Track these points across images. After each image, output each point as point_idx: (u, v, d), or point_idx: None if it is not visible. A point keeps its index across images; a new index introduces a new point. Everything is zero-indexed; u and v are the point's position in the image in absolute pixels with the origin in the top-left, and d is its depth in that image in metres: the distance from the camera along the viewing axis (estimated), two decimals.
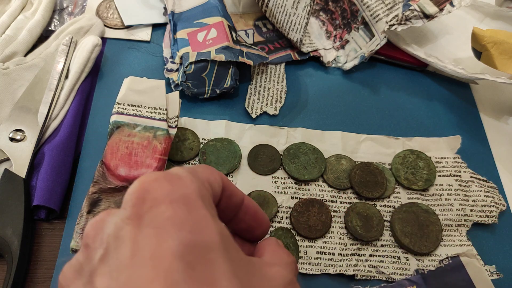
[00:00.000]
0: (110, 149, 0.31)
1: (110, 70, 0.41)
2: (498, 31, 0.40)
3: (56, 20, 0.44)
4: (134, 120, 0.32)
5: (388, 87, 0.44)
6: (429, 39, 0.47)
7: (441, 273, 0.26)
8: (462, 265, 0.26)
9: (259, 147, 0.37)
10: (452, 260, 0.26)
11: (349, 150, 0.38)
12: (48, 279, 0.30)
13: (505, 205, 0.36)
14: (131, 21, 0.44)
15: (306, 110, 0.41)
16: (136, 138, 0.31)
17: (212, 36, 0.39)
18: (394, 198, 0.36)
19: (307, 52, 0.44)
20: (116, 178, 0.30)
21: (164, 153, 0.31)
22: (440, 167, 0.37)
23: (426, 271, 0.26)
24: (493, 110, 0.43)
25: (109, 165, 0.30)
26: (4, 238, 0.29)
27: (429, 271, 0.26)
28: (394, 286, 0.26)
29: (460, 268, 0.26)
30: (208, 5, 0.41)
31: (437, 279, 0.26)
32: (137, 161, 0.30)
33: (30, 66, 0.38)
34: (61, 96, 0.37)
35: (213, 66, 0.38)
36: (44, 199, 0.32)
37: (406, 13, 0.41)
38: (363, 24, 0.43)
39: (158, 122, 0.33)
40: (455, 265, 0.26)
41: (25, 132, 0.34)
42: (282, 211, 0.34)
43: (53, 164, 0.33)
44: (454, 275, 0.26)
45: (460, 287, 0.26)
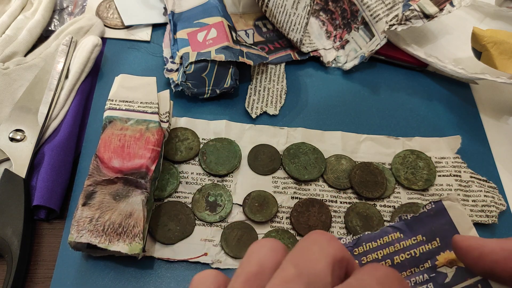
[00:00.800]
0: (103, 142, 0.31)
1: (110, 70, 0.41)
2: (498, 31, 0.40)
3: (56, 20, 0.44)
4: (126, 114, 0.33)
5: (388, 87, 0.44)
6: (429, 39, 0.47)
7: (425, 219, 0.26)
8: (445, 209, 0.26)
9: (259, 147, 0.37)
10: (435, 205, 0.26)
11: (349, 150, 0.38)
12: (48, 279, 0.30)
13: (505, 205, 0.36)
14: (131, 21, 0.44)
15: (306, 110, 0.41)
16: (129, 131, 0.32)
17: (212, 36, 0.39)
18: (394, 198, 0.36)
19: (307, 52, 0.44)
20: (110, 170, 0.30)
21: (157, 144, 0.32)
22: (440, 167, 0.37)
23: (409, 217, 0.26)
24: (493, 110, 0.43)
25: (102, 158, 0.31)
26: (4, 238, 0.29)
27: (412, 217, 0.26)
28: (378, 234, 0.26)
29: (443, 212, 0.26)
30: (208, 5, 0.41)
31: (421, 225, 0.26)
32: (129, 153, 0.31)
33: (30, 66, 0.38)
34: (61, 96, 0.37)
35: (213, 66, 0.38)
36: (44, 199, 0.32)
37: (406, 13, 0.41)
38: (363, 24, 0.43)
39: (150, 115, 0.33)
40: (438, 209, 0.26)
41: (25, 132, 0.34)
42: (282, 211, 0.34)
43: (53, 164, 0.33)
44: (437, 220, 0.26)
45: (443, 231, 0.26)
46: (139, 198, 0.30)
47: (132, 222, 0.29)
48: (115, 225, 0.29)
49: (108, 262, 0.31)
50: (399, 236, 0.26)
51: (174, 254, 0.31)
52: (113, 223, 0.29)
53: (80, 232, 0.28)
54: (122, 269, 0.31)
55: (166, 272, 0.31)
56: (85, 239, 0.28)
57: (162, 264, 0.31)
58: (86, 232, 0.28)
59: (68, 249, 0.31)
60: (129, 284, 0.30)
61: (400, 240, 0.26)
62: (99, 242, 0.28)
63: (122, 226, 0.29)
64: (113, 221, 0.29)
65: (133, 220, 0.29)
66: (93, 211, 0.29)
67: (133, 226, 0.29)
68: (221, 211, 0.33)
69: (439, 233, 0.26)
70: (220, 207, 0.34)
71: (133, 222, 0.29)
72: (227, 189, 0.35)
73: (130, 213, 0.29)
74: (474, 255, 0.22)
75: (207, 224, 0.33)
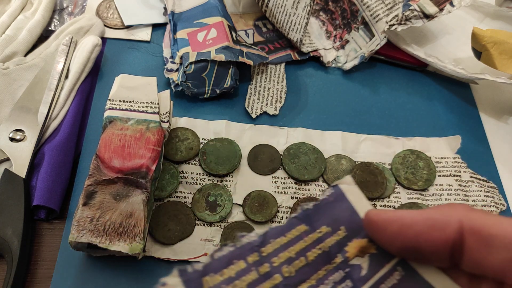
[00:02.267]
0: (104, 142, 0.31)
1: (110, 70, 0.41)
2: (498, 31, 0.40)
3: (56, 20, 0.44)
4: (127, 114, 0.33)
5: (388, 87, 0.44)
6: (429, 39, 0.47)
7: (326, 206, 0.24)
8: (343, 193, 0.24)
9: (259, 147, 0.37)
10: (333, 189, 0.24)
11: (349, 150, 0.38)
12: (48, 279, 0.30)
13: (505, 205, 0.36)
14: (131, 21, 0.44)
15: (306, 110, 0.41)
16: (129, 131, 0.32)
17: (212, 36, 0.39)
18: (394, 198, 0.36)
19: (307, 52, 0.44)
20: (111, 170, 0.30)
21: (157, 144, 0.32)
22: (440, 167, 0.37)
23: (311, 206, 0.23)
24: (493, 110, 0.43)
25: (103, 158, 0.31)
26: (4, 238, 0.29)
27: (314, 205, 0.23)
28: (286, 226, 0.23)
29: (342, 197, 0.24)
30: (208, 5, 0.41)
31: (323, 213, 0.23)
32: (130, 153, 0.31)
33: (30, 66, 0.38)
34: (61, 96, 0.37)
35: (213, 66, 0.38)
36: (44, 199, 0.32)
37: (406, 13, 0.41)
38: (363, 24, 0.43)
39: (151, 115, 0.33)
40: (337, 195, 0.24)
41: (25, 132, 0.34)
42: (282, 211, 0.34)
43: (53, 164, 0.33)
44: (338, 206, 0.23)
45: (346, 217, 0.23)
46: (140, 198, 0.30)
47: (133, 222, 0.29)
48: (116, 225, 0.29)
49: (108, 262, 0.31)
50: (306, 228, 0.23)
51: (174, 254, 0.32)
52: (113, 223, 0.29)
53: (80, 232, 0.28)
54: (122, 269, 0.31)
55: (166, 272, 0.31)
56: (86, 239, 0.28)
57: (162, 264, 0.31)
58: (87, 232, 0.28)
59: (68, 249, 0.31)
60: (129, 284, 0.30)
61: (308, 233, 0.23)
62: (99, 242, 0.28)
63: (122, 226, 0.29)
64: (113, 221, 0.29)
65: (134, 220, 0.29)
66: (94, 211, 0.29)
67: (134, 226, 0.29)
68: (221, 211, 0.33)
69: (343, 220, 0.23)
70: (220, 207, 0.34)
71: (134, 222, 0.29)
72: (227, 189, 0.35)
73: (130, 213, 0.29)
74: (393, 229, 0.20)
75: (207, 224, 0.33)
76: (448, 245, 0.19)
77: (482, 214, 0.19)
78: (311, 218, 0.23)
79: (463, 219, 0.18)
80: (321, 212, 0.23)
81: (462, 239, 0.18)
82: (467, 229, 0.18)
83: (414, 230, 0.19)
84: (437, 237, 0.19)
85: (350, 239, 0.22)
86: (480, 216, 0.19)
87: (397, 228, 0.20)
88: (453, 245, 0.18)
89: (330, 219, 0.23)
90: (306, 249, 0.22)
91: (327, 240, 0.23)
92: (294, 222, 0.23)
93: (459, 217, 0.19)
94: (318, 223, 0.23)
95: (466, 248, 0.18)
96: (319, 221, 0.23)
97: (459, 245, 0.18)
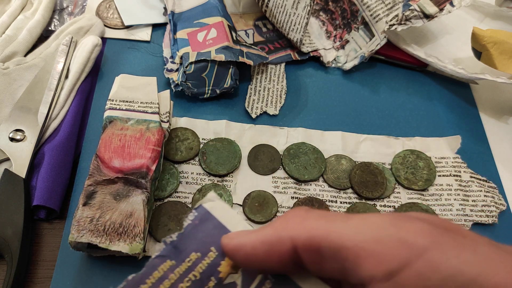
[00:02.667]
0: (104, 142, 0.31)
1: (110, 70, 0.41)
2: (498, 31, 0.40)
3: (56, 20, 0.44)
4: (127, 114, 0.33)
5: (388, 87, 0.44)
6: (429, 39, 0.47)
7: (192, 231, 0.23)
8: (209, 212, 0.23)
9: (259, 147, 0.37)
10: (197, 212, 0.23)
11: (349, 150, 0.38)
12: (48, 279, 0.30)
13: (505, 205, 0.36)
14: (131, 21, 0.44)
15: (306, 110, 0.41)
16: (129, 131, 0.32)
17: (212, 36, 0.39)
18: (394, 198, 0.36)
19: (307, 52, 0.44)
20: (111, 170, 0.30)
21: (157, 144, 0.32)
22: (440, 167, 0.37)
23: (175, 237, 0.23)
24: (493, 110, 0.43)
25: (103, 158, 0.31)
26: (4, 238, 0.29)
27: (179, 235, 0.23)
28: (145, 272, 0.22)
29: (207, 216, 0.23)
30: (208, 5, 0.41)
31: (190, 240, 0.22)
32: (130, 153, 0.31)
33: (30, 66, 0.38)
34: (61, 96, 0.37)
35: (213, 66, 0.38)
36: (44, 199, 0.32)
37: (406, 13, 0.41)
38: (363, 24, 0.43)
39: (151, 115, 0.33)
40: (202, 215, 0.23)
41: (25, 132, 0.34)
42: (282, 211, 0.34)
43: (53, 164, 0.33)
44: (205, 227, 0.23)
45: (214, 236, 0.22)
46: (140, 198, 0.30)
47: (133, 222, 0.29)
48: (116, 225, 0.29)
49: (108, 262, 0.31)
50: (172, 264, 0.22)
51: None
52: (113, 223, 0.29)
53: (80, 232, 0.28)
54: (122, 269, 0.31)
55: None
56: (86, 239, 0.28)
57: None
58: (87, 232, 0.28)
59: (68, 249, 0.31)
60: None
61: (174, 267, 0.22)
62: (99, 242, 0.28)
63: (122, 226, 0.29)
64: (113, 221, 0.29)
65: (134, 220, 0.29)
66: (94, 211, 0.29)
67: (134, 226, 0.29)
68: None
69: (212, 240, 0.22)
70: None
71: (134, 222, 0.29)
72: (227, 189, 0.35)
73: (130, 213, 0.29)
74: (241, 256, 0.20)
75: None
76: (288, 262, 0.19)
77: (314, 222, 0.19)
78: (177, 249, 0.22)
79: (294, 234, 0.19)
80: (187, 240, 0.23)
81: (297, 253, 0.19)
82: (300, 245, 0.19)
83: (256, 256, 0.20)
84: (276, 259, 0.19)
85: (222, 257, 0.22)
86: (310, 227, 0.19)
87: (243, 255, 0.20)
88: (293, 260, 0.19)
89: (199, 243, 0.22)
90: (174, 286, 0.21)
91: (198, 266, 0.22)
92: (156, 263, 0.22)
93: (290, 233, 0.19)
94: (186, 252, 0.22)
95: (304, 261, 0.19)
96: (187, 250, 0.22)
97: (298, 258, 0.19)
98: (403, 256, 0.16)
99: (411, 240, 0.17)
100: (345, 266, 0.18)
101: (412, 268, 0.16)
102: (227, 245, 0.21)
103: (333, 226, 0.18)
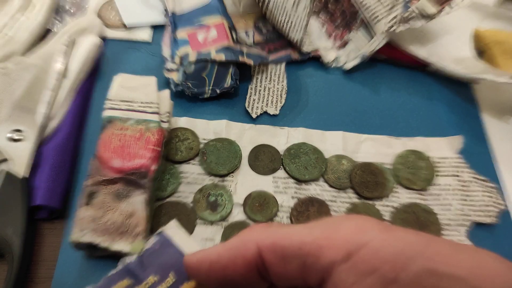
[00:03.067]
0: (103, 142, 0.31)
1: (110, 70, 0.41)
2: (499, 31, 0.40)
3: (56, 20, 0.44)
4: (126, 114, 0.33)
5: (389, 87, 0.44)
6: (429, 39, 0.47)
7: (152, 255, 0.24)
8: (169, 239, 0.24)
9: (260, 147, 0.37)
10: (158, 237, 0.24)
11: (349, 150, 0.38)
12: (49, 279, 0.30)
13: (505, 205, 0.36)
14: (131, 22, 0.44)
15: (307, 110, 0.41)
16: (129, 131, 0.32)
17: (212, 36, 0.39)
18: (394, 198, 0.36)
19: (308, 52, 0.44)
20: (111, 170, 0.30)
21: (157, 144, 0.32)
22: (440, 167, 0.37)
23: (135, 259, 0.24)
24: (494, 110, 0.43)
25: (102, 158, 0.31)
26: (5, 238, 0.29)
27: (138, 257, 0.24)
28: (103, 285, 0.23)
29: (167, 242, 0.24)
30: (208, 6, 0.41)
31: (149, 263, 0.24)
32: (129, 153, 0.31)
33: (30, 66, 0.38)
34: (61, 96, 0.37)
35: (213, 66, 0.38)
36: (45, 199, 0.32)
37: (405, 14, 0.41)
38: (363, 24, 0.43)
39: (150, 115, 0.33)
40: (162, 241, 0.24)
41: (24, 132, 0.34)
42: (282, 211, 0.34)
43: (53, 164, 0.33)
44: (165, 252, 0.24)
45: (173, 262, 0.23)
46: (140, 198, 0.30)
47: (134, 222, 0.29)
48: (117, 224, 0.29)
49: (109, 262, 0.31)
50: (129, 283, 0.23)
51: None
52: (114, 222, 0.29)
53: (82, 232, 0.28)
54: None
55: None
56: (88, 239, 0.28)
57: None
58: (88, 231, 0.28)
59: (69, 249, 0.31)
60: None
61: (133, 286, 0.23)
62: (101, 241, 0.28)
63: (124, 226, 0.29)
64: (114, 221, 0.29)
65: (135, 219, 0.29)
66: (95, 211, 0.29)
67: (135, 226, 0.29)
68: (221, 211, 0.33)
69: (171, 266, 0.23)
70: (220, 207, 0.34)
71: (135, 221, 0.29)
72: (228, 189, 0.35)
73: (131, 213, 0.29)
74: (205, 268, 0.21)
75: (207, 224, 0.33)
76: (252, 268, 0.20)
77: (276, 229, 0.20)
78: (136, 271, 0.23)
79: (258, 239, 0.20)
80: (147, 262, 0.24)
81: (262, 258, 0.20)
82: (264, 248, 0.20)
83: (221, 263, 0.20)
84: (240, 264, 0.20)
85: (181, 283, 0.23)
86: (273, 232, 0.20)
87: (208, 266, 0.21)
88: (257, 266, 0.20)
89: (158, 267, 0.23)
90: None
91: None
92: (113, 279, 0.23)
93: (255, 238, 0.20)
94: (144, 273, 0.23)
95: (268, 265, 0.20)
96: (146, 271, 0.23)
97: (262, 264, 0.20)
98: (359, 238, 0.18)
99: (367, 226, 0.19)
100: (306, 262, 0.19)
101: (368, 246, 0.18)
102: (190, 260, 0.22)
103: (293, 230, 0.20)
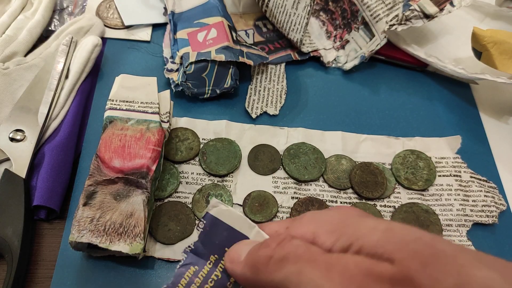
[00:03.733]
0: (104, 142, 0.31)
1: (110, 70, 0.41)
2: (498, 31, 0.40)
3: (56, 20, 0.44)
4: (127, 114, 0.33)
5: (388, 87, 0.44)
6: (429, 39, 0.47)
7: (205, 238, 0.25)
8: (216, 218, 0.25)
9: (259, 147, 0.37)
10: (206, 220, 0.25)
11: (349, 150, 0.38)
12: (48, 279, 0.30)
13: (505, 205, 0.36)
14: (131, 21, 0.44)
15: (306, 110, 0.41)
16: (129, 131, 0.32)
17: (212, 36, 0.39)
18: (394, 198, 0.36)
19: (307, 52, 0.44)
20: (111, 170, 0.30)
21: (157, 144, 0.32)
22: (440, 167, 0.37)
23: (192, 246, 0.25)
24: (493, 110, 0.43)
25: (103, 158, 0.31)
26: (4, 238, 0.29)
27: (195, 243, 0.25)
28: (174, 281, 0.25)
29: (216, 221, 0.25)
30: (208, 5, 0.41)
31: (206, 245, 0.25)
32: (130, 153, 0.31)
33: (30, 66, 0.38)
34: (61, 96, 0.37)
35: (213, 66, 0.38)
36: (44, 199, 0.32)
37: (406, 13, 0.41)
38: (363, 24, 0.43)
39: (151, 115, 0.33)
40: (210, 222, 0.25)
41: (25, 132, 0.34)
42: (282, 211, 0.34)
43: (53, 164, 0.33)
44: (217, 231, 0.25)
45: (225, 238, 0.25)
46: (140, 198, 0.30)
47: (133, 222, 0.29)
48: (116, 225, 0.29)
49: (108, 262, 0.31)
50: (195, 269, 0.25)
51: (174, 254, 0.31)
52: (114, 223, 0.29)
53: (81, 232, 0.28)
54: (122, 269, 0.31)
55: (166, 272, 0.31)
56: (86, 239, 0.28)
57: (162, 264, 0.31)
58: (87, 232, 0.28)
59: (68, 249, 0.31)
60: (129, 284, 0.30)
61: (198, 272, 0.25)
62: (100, 242, 0.28)
63: (123, 226, 0.29)
64: (114, 221, 0.29)
65: (134, 220, 0.29)
66: (94, 211, 0.29)
67: (134, 226, 0.29)
68: None
69: (225, 242, 0.25)
70: None
71: (134, 222, 0.29)
72: (227, 189, 0.35)
73: (131, 213, 0.29)
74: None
75: None
76: None
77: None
78: (197, 255, 0.25)
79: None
80: (203, 245, 0.25)
81: None
82: None
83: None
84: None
85: None
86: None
87: None
88: None
89: (214, 247, 0.25)
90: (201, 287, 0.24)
91: (218, 266, 0.25)
92: (182, 272, 0.25)
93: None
94: (205, 256, 0.25)
95: None
96: (206, 254, 0.25)
97: None
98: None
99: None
100: None
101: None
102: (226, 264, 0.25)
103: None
